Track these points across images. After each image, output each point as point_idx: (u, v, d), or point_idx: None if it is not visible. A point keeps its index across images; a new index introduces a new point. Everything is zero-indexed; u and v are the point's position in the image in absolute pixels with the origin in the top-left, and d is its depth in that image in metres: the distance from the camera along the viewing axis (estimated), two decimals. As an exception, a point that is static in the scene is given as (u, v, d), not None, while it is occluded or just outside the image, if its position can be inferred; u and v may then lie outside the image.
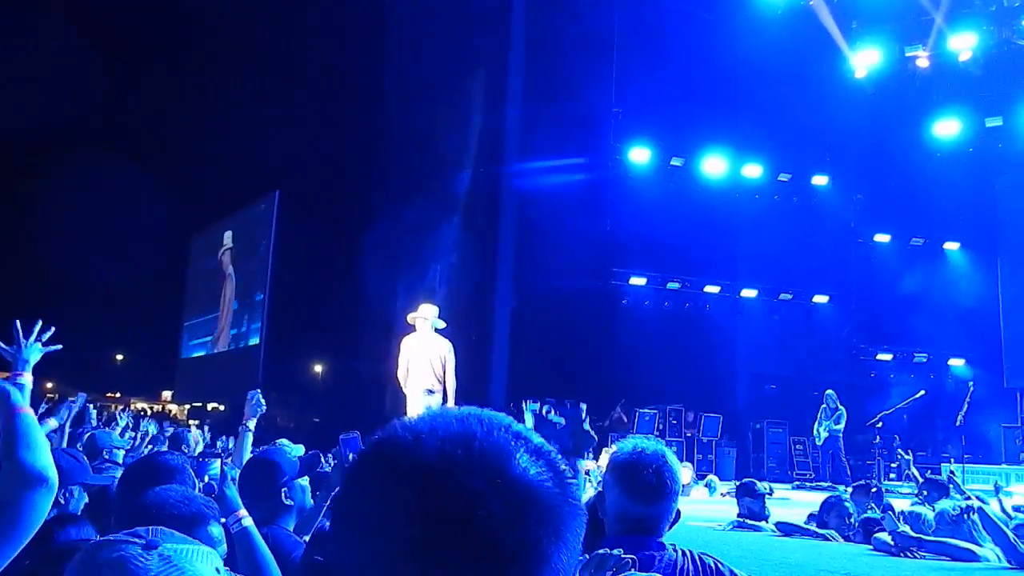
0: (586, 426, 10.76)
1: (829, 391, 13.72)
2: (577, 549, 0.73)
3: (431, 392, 8.62)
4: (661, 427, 15.33)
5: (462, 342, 18.60)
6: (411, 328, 8.88)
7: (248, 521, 2.75)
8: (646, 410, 15.26)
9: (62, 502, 3.32)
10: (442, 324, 8.82)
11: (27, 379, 3.04)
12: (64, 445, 8.09)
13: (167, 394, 37.69)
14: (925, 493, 6.49)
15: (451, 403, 8.58)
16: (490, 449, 0.70)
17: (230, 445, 10.30)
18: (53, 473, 1.77)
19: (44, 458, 1.76)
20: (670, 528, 2.14)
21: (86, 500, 3.44)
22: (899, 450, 11.05)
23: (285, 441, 5.75)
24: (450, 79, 19.74)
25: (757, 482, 6.74)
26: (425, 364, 8.64)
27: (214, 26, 28.73)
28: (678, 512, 2.16)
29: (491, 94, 18.24)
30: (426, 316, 8.72)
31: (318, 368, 33.33)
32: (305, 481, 3.36)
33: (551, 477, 0.72)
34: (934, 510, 5.29)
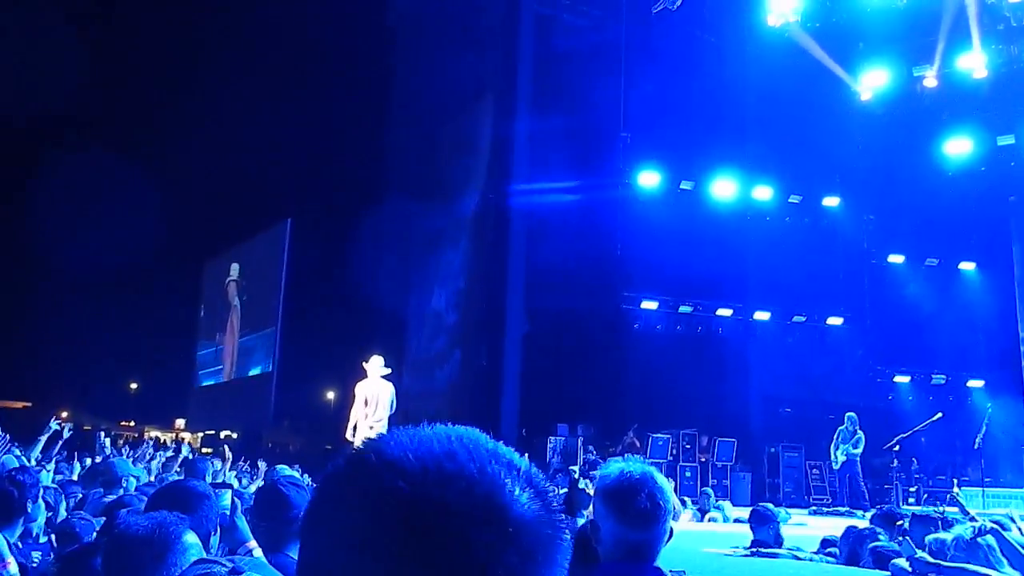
0: (581, 484, 10.59)
1: (851, 414, 13.51)
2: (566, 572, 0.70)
3: (379, 423, 10.35)
4: (675, 452, 15.16)
5: (472, 368, 18.64)
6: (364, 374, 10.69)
7: (258, 552, 2.81)
8: (659, 435, 15.10)
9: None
10: (387, 371, 10.72)
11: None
12: (75, 476, 8.11)
13: (181, 422, 37.73)
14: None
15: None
16: (491, 491, 0.67)
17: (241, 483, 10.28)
18: None
19: None
20: (664, 545, 2.13)
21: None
22: (955, 488, 10.85)
23: (284, 467, 5.71)
24: (458, 103, 19.86)
25: (771, 507, 6.62)
26: (374, 403, 10.48)
27: (228, 56, 29.08)
28: (671, 531, 2.14)
29: (499, 118, 18.33)
30: (376, 365, 10.64)
31: (330, 395, 33.29)
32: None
33: (544, 509, 0.70)
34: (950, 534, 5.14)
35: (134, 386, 47.43)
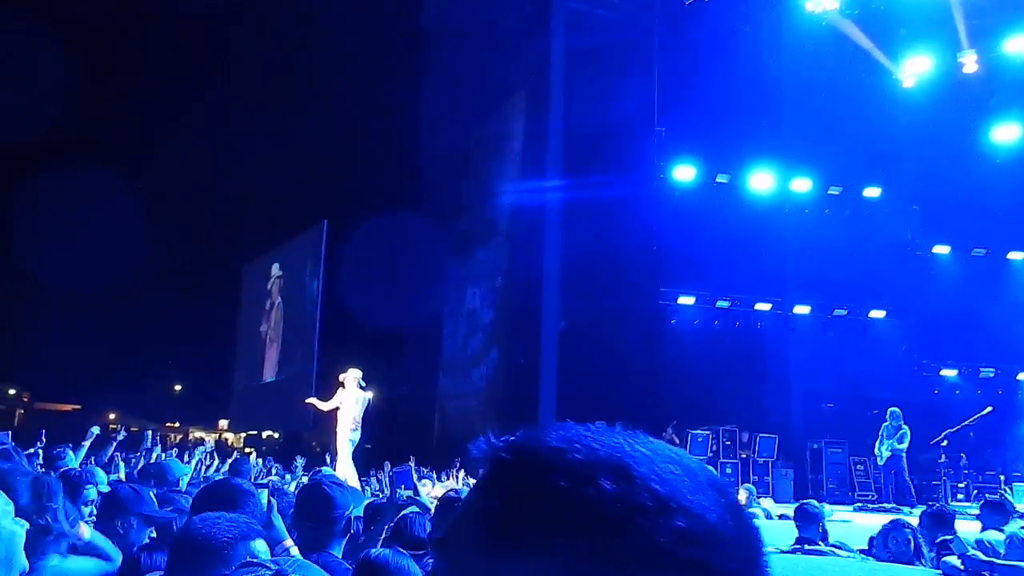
0: None
1: (894, 408, 13.28)
2: None
3: (355, 430, 11.74)
4: (715, 448, 15.01)
5: (509, 366, 18.63)
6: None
7: (294, 550, 2.84)
8: (698, 431, 14.95)
9: (121, 532, 3.36)
10: (363, 383, 11.95)
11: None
12: (121, 475, 8.25)
13: (224, 423, 38.28)
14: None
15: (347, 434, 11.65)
16: (746, 523, 0.64)
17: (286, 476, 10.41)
18: None
19: None
20: None
21: (152, 533, 3.49)
22: (1003, 486, 10.59)
23: (328, 469, 5.76)
24: (491, 102, 19.87)
25: (816, 503, 6.50)
26: (351, 410, 11.75)
27: (266, 59, 29.42)
28: None
29: (532, 115, 18.29)
30: (352, 377, 11.89)
31: (368, 395, 33.49)
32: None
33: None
34: (1003, 532, 5.01)
35: (178, 388, 48.27)
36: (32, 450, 7.97)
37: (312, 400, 12.73)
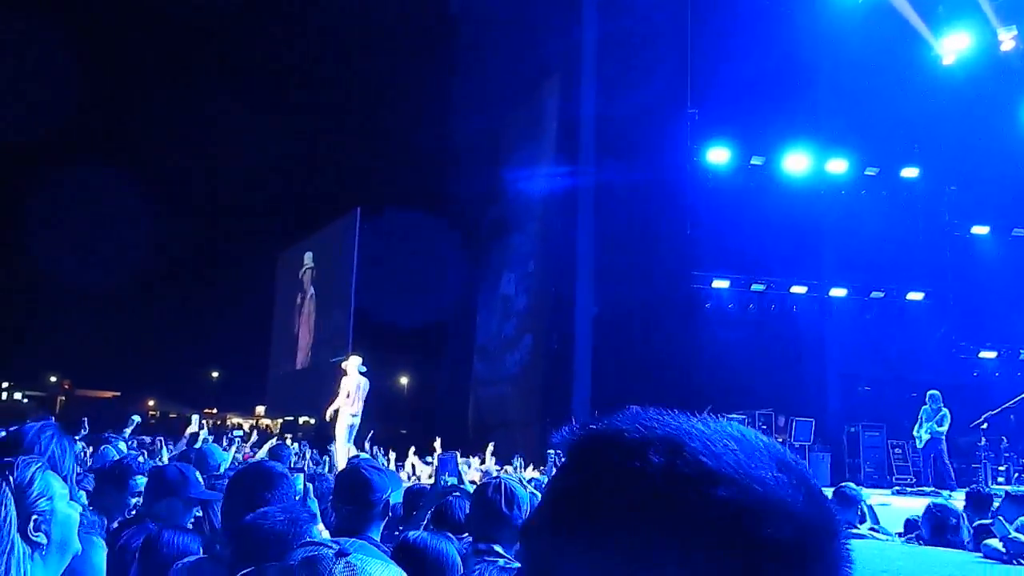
0: None
1: (933, 391, 13.10)
2: None
3: (355, 416, 12.21)
4: (750, 432, 14.91)
5: (543, 351, 18.65)
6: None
7: (326, 535, 2.87)
8: (734, 416, 14.83)
9: (164, 515, 3.44)
10: (363, 369, 12.44)
11: None
12: (166, 461, 8.45)
13: (260, 409, 38.83)
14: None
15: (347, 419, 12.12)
16: (816, 499, 0.65)
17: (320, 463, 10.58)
18: None
19: None
20: None
21: (197, 512, 3.58)
22: None
23: (365, 453, 5.84)
24: (523, 86, 19.80)
25: (854, 487, 6.46)
26: (353, 395, 12.22)
27: (299, 49, 29.60)
28: None
29: (565, 99, 18.21)
30: (354, 364, 12.50)
31: (403, 380, 33.79)
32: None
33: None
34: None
35: (215, 375, 49.03)
36: (77, 436, 8.17)
37: (330, 410, 12.63)
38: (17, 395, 47.33)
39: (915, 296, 18.02)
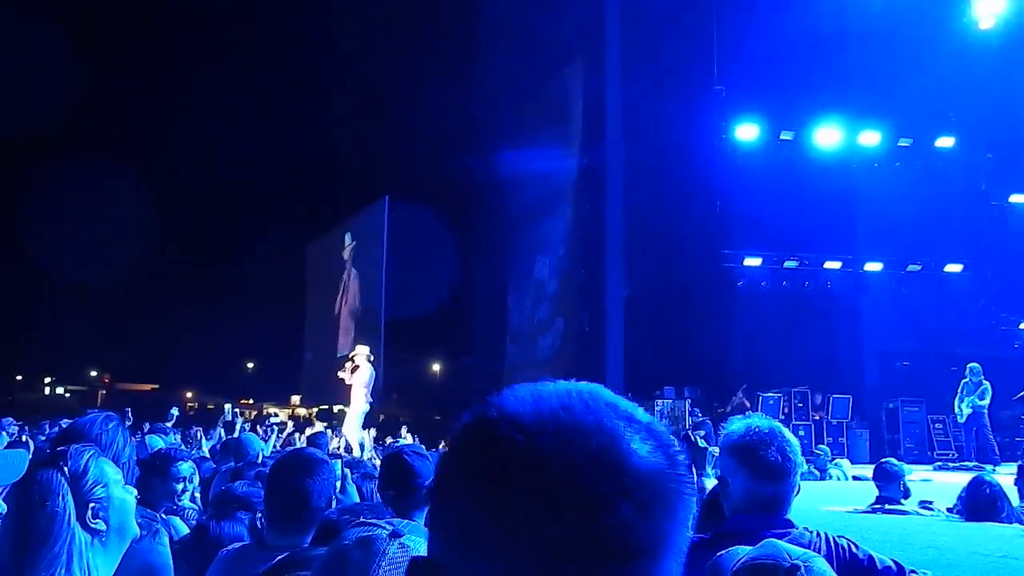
0: (700, 442, 10.41)
1: (973, 364, 12.86)
2: (689, 528, 0.69)
3: (369, 402, 12.73)
4: (787, 410, 14.79)
5: (576, 334, 18.61)
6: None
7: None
8: (770, 394, 14.75)
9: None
10: (371, 358, 13.08)
11: None
12: (205, 451, 8.59)
13: (296, 398, 39.26)
14: None
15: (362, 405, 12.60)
16: (608, 443, 0.66)
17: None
18: None
19: None
20: (793, 499, 2.14)
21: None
22: None
23: (404, 440, 5.89)
24: (549, 68, 19.67)
25: (895, 462, 6.37)
26: (362, 387, 12.67)
27: (327, 35, 29.69)
28: (799, 486, 2.15)
29: (591, 79, 18.06)
30: (363, 354, 13.00)
31: (435, 367, 33.95)
32: None
33: (666, 461, 0.68)
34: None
35: (250, 366, 49.68)
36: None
37: (343, 375, 13.27)
38: (59, 389, 48.41)
39: (953, 268, 17.71)
